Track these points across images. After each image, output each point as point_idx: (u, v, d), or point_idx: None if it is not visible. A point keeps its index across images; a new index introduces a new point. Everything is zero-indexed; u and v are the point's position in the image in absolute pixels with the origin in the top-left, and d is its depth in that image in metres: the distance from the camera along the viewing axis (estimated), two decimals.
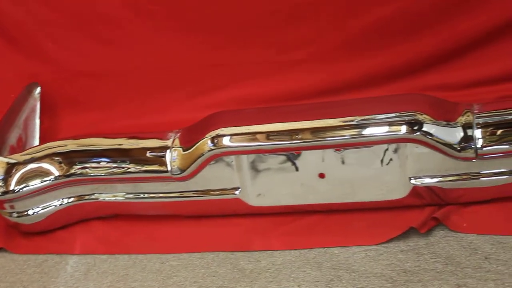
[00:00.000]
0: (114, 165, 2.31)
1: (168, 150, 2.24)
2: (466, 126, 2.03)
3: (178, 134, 2.27)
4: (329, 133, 2.10)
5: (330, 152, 2.12)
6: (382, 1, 2.39)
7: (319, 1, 2.43)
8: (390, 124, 2.06)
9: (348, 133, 2.08)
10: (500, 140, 2.02)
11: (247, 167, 2.17)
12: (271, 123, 2.16)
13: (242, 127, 2.16)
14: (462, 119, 2.05)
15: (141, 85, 2.65)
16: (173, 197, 2.30)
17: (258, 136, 2.14)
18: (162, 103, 2.65)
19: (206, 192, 2.26)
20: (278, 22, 2.49)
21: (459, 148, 2.03)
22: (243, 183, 2.21)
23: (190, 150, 2.20)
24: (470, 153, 2.03)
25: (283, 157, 2.16)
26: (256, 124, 2.16)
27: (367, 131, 2.07)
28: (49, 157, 2.34)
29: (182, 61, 2.60)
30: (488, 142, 2.02)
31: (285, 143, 2.13)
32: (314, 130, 2.12)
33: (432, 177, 2.09)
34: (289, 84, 2.55)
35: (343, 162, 2.12)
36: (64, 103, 2.77)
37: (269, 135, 2.14)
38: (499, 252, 1.98)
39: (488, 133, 2.02)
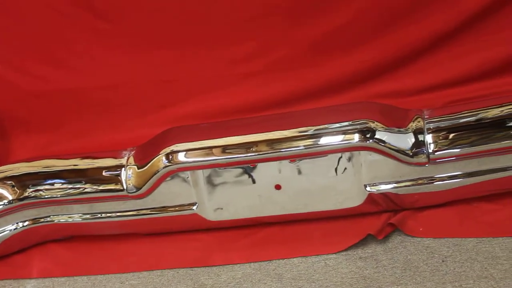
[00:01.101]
0: (69, 186, 2.28)
1: (123, 169, 2.23)
2: (417, 132, 2.06)
3: (133, 152, 2.26)
4: (284, 144, 2.11)
5: (286, 163, 2.13)
6: (329, 13, 2.42)
7: (266, 15, 2.44)
8: (343, 133, 2.08)
9: (303, 143, 2.10)
10: (451, 144, 2.06)
11: (203, 182, 2.17)
12: (226, 136, 2.16)
13: (196, 142, 2.16)
14: (413, 125, 2.08)
15: (92, 104, 2.62)
16: (131, 216, 2.28)
17: (213, 150, 2.14)
18: (115, 121, 2.63)
19: (164, 209, 2.24)
20: (227, 36, 2.50)
21: (411, 154, 2.05)
22: (200, 198, 2.20)
23: (145, 168, 2.18)
24: (422, 158, 2.06)
25: (239, 170, 2.16)
26: (210, 139, 2.16)
27: (322, 141, 2.09)
28: (1, 181, 2.30)
29: (133, 78, 2.58)
30: (439, 146, 2.06)
31: (241, 156, 2.13)
32: (270, 142, 2.13)
33: (387, 183, 2.12)
34: (241, 97, 2.55)
35: (298, 173, 2.13)
36: (15, 124, 2.72)
37: (224, 149, 2.14)
38: (455, 255, 2.01)
39: (439, 138, 2.06)
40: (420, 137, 2.06)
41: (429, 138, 2.06)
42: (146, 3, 2.47)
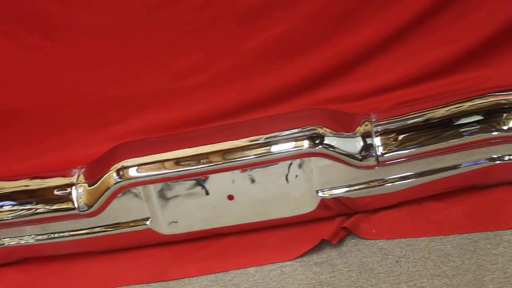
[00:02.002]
0: (20, 207, 2.24)
1: (73, 187, 2.20)
2: (365, 135, 2.09)
3: (83, 170, 2.24)
4: (236, 154, 2.12)
5: (237, 173, 2.13)
6: (271, 22, 2.43)
7: (208, 27, 2.45)
8: (293, 140, 2.09)
9: (254, 152, 2.10)
10: (399, 146, 2.08)
11: (155, 196, 2.16)
12: (176, 149, 2.16)
13: (146, 156, 2.15)
14: (361, 129, 2.10)
15: (38, 124, 2.58)
16: (84, 234, 2.25)
17: (163, 164, 2.13)
18: (63, 140, 2.59)
19: (117, 225, 2.23)
20: (171, 50, 2.49)
21: (360, 158, 2.07)
22: (153, 212, 2.19)
23: (96, 185, 2.16)
24: (371, 161, 2.08)
25: (191, 182, 2.16)
26: (160, 152, 2.15)
27: (273, 149, 2.10)
28: None
29: (78, 96, 2.56)
30: (388, 148, 2.08)
31: (192, 168, 2.13)
32: (221, 153, 2.13)
33: (338, 188, 2.13)
34: (189, 109, 2.55)
35: (250, 182, 2.14)
36: None
37: (175, 162, 2.13)
38: (408, 255, 2.03)
39: (387, 140, 2.08)
40: (368, 141, 2.08)
41: (377, 141, 2.08)
42: (86, 19, 2.45)
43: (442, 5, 2.37)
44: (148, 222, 2.21)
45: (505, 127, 2.01)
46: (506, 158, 2.05)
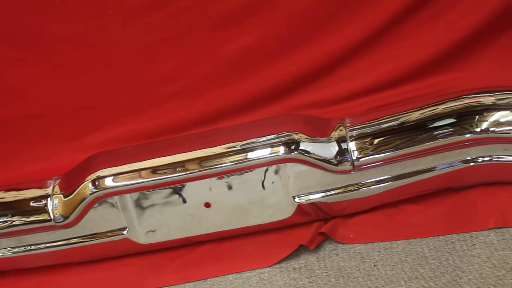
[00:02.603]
0: None
1: (48, 198, 2.18)
2: (340, 140, 2.10)
3: (58, 181, 2.22)
4: (212, 161, 2.12)
5: (214, 180, 2.13)
6: (245, 28, 2.44)
7: (184, 34, 2.45)
8: (269, 146, 2.09)
9: (231, 159, 2.10)
10: (374, 150, 2.09)
11: (132, 205, 2.15)
12: (152, 158, 2.15)
13: (122, 166, 2.14)
14: (336, 134, 2.11)
15: (13, 134, 2.56)
16: (61, 245, 2.24)
17: (139, 173, 2.13)
18: (38, 151, 2.56)
19: (94, 236, 2.21)
20: (146, 58, 2.49)
21: (336, 162, 2.08)
22: (130, 222, 2.18)
23: (71, 196, 2.15)
24: (347, 166, 2.09)
25: (168, 191, 2.15)
26: (136, 162, 2.15)
27: (249, 156, 2.10)
28: None
29: (54, 106, 2.53)
30: (363, 153, 2.09)
31: (168, 177, 2.12)
32: (198, 160, 2.12)
33: (315, 193, 2.14)
34: (165, 118, 2.54)
35: (227, 189, 2.14)
36: None
37: (151, 170, 2.13)
38: (386, 258, 2.04)
39: (362, 144, 2.09)
40: (344, 145, 2.09)
41: (352, 145, 2.09)
42: (61, 29, 2.44)
43: (413, 9, 2.39)
44: (125, 232, 2.20)
45: (477, 129, 2.03)
46: (480, 160, 2.07)
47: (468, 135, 2.03)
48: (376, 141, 2.10)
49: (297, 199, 2.14)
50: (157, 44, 2.46)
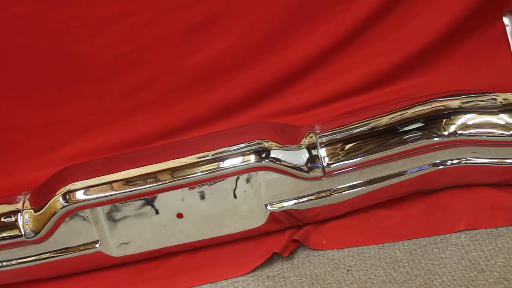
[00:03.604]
0: None
1: (19, 214, 2.16)
2: (311, 147, 2.10)
3: (28, 196, 2.20)
4: (185, 171, 2.11)
5: (186, 190, 2.12)
6: (214, 37, 2.45)
7: (151, 46, 2.45)
8: (240, 155, 2.09)
9: (201, 169, 2.10)
10: (345, 156, 2.10)
11: (103, 218, 2.14)
12: (123, 170, 2.14)
13: (92, 179, 2.13)
14: (306, 141, 2.12)
15: None
16: (33, 261, 2.21)
17: (110, 185, 2.11)
18: (6, 166, 2.54)
19: (66, 250, 2.19)
20: (113, 69, 2.48)
21: (306, 169, 2.09)
22: (102, 235, 2.17)
23: (42, 210, 2.13)
24: (318, 172, 2.10)
25: (140, 203, 2.14)
26: (106, 174, 2.14)
27: (221, 165, 2.10)
28: None
29: (20, 121, 2.52)
30: (333, 159, 2.10)
31: (140, 188, 2.11)
32: (170, 171, 2.12)
33: (287, 200, 2.14)
34: (134, 129, 2.54)
35: (199, 199, 2.13)
36: None
37: (122, 183, 2.11)
38: (359, 263, 2.05)
39: (332, 151, 2.10)
40: (314, 152, 2.10)
41: (322, 152, 2.10)
42: (27, 43, 2.43)
43: (380, 15, 2.42)
44: (97, 245, 2.18)
45: (445, 133, 2.05)
46: (449, 163, 2.09)
47: (436, 139, 2.05)
48: (346, 147, 2.11)
49: (269, 207, 2.15)
50: (125, 56, 2.46)
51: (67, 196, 2.10)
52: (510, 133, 2.01)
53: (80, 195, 2.11)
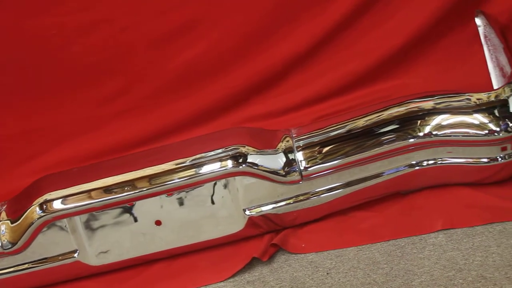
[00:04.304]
0: None
1: None
2: (287, 151, 2.11)
3: (4, 207, 2.19)
4: (163, 178, 2.11)
5: (164, 197, 2.12)
6: (189, 45, 2.46)
7: (126, 52, 2.45)
8: (218, 160, 2.10)
9: (179, 176, 2.10)
10: (322, 159, 2.11)
11: (81, 227, 2.13)
12: (100, 178, 2.13)
13: (69, 188, 2.12)
14: (282, 145, 2.12)
15: None
16: (11, 272, 2.19)
17: (88, 194, 2.10)
18: None
19: (44, 260, 2.17)
20: (90, 77, 2.48)
21: (284, 173, 2.09)
22: (80, 244, 2.15)
23: (19, 221, 2.11)
24: (295, 176, 2.10)
25: (118, 211, 2.13)
26: (84, 183, 2.13)
27: (197, 171, 2.10)
28: None
29: None
30: (310, 162, 2.11)
31: (117, 196, 2.10)
32: (148, 178, 2.11)
33: (265, 205, 2.14)
34: (112, 137, 2.54)
35: (177, 206, 2.13)
36: None
37: (99, 191, 2.11)
38: (338, 266, 2.05)
39: (309, 154, 2.11)
40: (291, 156, 2.10)
41: (299, 155, 2.11)
42: (3, 51, 2.42)
43: (354, 19, 2.43)
44: (76, 255, 2.17)
45: (420, 134, 2.06)
46: (425, 163, 2.11)
47: (411, 140, 2.07)
48: (323, 150, 2.12)
49: (247, 212, 2.15)
50: (100, 64, 2.46)
51: (44, 206, 2.09)
52: (485, 133, 2.03)
53: (57, 204, 2.10)
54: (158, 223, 2.15)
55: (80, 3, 2.42)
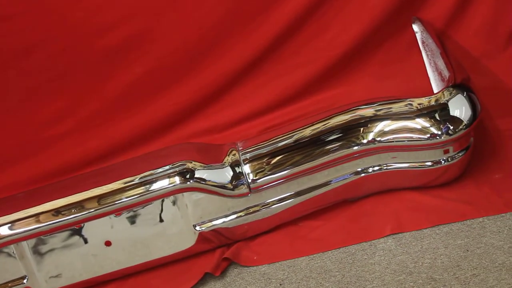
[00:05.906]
0: None
1: None
2: (234, 165, 2.11)
3: None
4: (111, 198, 2.09)
5: (113, 217, 2.10)
6: (130, 63, 2.45)
7: (69, 72, 2.42)
8: (165, 177, 2.09)
9: (128, 194, 2.08)
10: (269, 170, 2.12)
11: (29, 253, 2.09)
12: (46, 202, 2.10)
13: (15, 213, 2.09)
14: (229, 159, 2.13)
15: None
16: None
17: (34, 218, 2.08)
18: None
19: None
20: (33, 99, 2.44)
21: (232, 187, 2.10)
22: (29, 270, 2.12)
23: None
24: (243, 189, 2.11)
25: (66, 233, 2.11)
26: (29, 207, 2.09)
27: (145, 189, 2.09)
28: None
29: None
30: (258, 174, 2.11)
31: (65, 219, 2.08)
32: (95, 199, 2.09)
33: (215, 219, 2.15)
34: (57, 159, 2.50)
35: (126, 225, 2.11)
36: None
37: (46, 215, 2.08)
38: (291, 276, 2.06)
39: (256, 166, 2.12)
40: (238, 169, 2.11)
41: (246, 168, 2.11)
42: None
43: (292, 30, 2.45)
44: (25, 281, 2.13)
45: (364, 141, 2.09)
46: (370, 170, 2.13)
47: (356, 147, 2.09)
48: (269, 161, 2.13)
49: (198, 228, 2.14)
50: (41, 86, 2.43)
51: None
52: (427, 136, 2.07)
53: (3, 230, 2.06)
54: (107, 243, 2.12)
55: (17, 25, 2.38)
